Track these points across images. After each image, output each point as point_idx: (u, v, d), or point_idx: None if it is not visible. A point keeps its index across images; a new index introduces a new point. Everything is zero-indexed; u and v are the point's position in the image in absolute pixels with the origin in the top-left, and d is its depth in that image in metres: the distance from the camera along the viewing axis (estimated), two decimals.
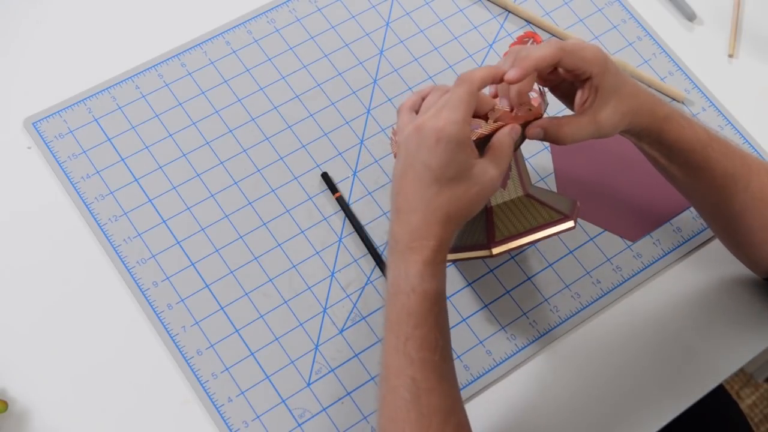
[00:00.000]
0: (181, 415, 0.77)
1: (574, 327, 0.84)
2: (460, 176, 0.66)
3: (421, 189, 0.67)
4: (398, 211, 0.68)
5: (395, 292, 0.67)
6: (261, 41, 0.95)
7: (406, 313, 0.66)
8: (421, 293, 0.66)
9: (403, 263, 0.67)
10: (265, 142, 0.90)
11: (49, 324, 0.80)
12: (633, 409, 0.81)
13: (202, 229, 0.85)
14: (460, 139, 0.66)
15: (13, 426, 0.76)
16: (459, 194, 0.67)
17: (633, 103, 0.72)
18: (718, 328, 0.85)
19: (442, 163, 0.66)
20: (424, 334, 0.66)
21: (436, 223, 0.66)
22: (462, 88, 0.67)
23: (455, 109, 0.66)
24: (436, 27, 0.98)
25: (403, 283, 0.66)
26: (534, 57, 0.68)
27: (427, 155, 0.66)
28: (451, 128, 0.65)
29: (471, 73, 0.68)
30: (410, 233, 0.67)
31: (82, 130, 0.88)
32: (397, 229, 0.68)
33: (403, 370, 0.66)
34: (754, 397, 1.67)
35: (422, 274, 0.66)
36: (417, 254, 0.66)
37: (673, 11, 1.03)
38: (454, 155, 0.66)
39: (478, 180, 0.67)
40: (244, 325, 0.81)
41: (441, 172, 0.66)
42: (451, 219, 0.67)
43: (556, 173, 0.91)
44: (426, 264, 0.66)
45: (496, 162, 0.68)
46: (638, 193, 0.91)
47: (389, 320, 0.68)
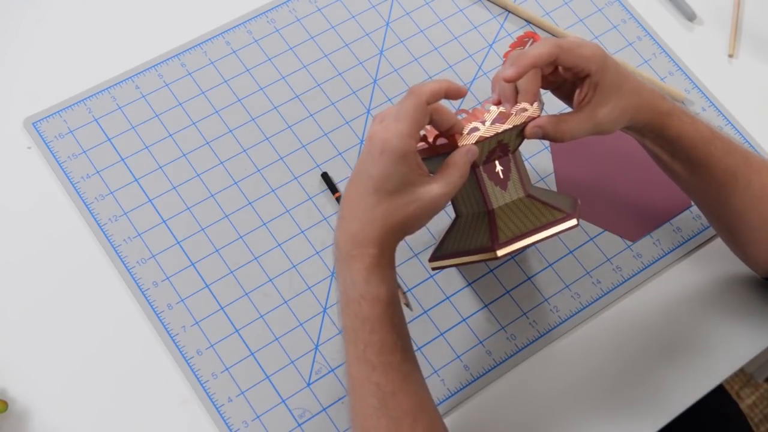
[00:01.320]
0: (181, 415, 0.77)
1: (574, 327, 0.84)
2: (400, 190, 0.66)
3: (362, 198, 0.67)
4: (341, 217, 0.68)
5: (346, 301, 0.67)
6: (261, 41, 0.95)
7: (360, 320, 0.66)
8: (371, 299, 0.66)
9: (348, 271, 0.67)
10: (265, 142, 0.90)
11: (49, 324, 0.80)
12: (633, 408, 0.81)
13: (202, 229, 0.85)
14: (403, 152, 0.65)
15: (13, 426, 0.76)
16: (397, 207, 0.66)
17: (634, 100, 0.72)
18: (718, 328, 0.85)
19: (383, 175, 0.65)
20: (381, 338, 0.66)
21: (373, 231, 0.66)
22: (409, 101, 0.66)
23: (401, 122, 0.65)
24: (436, 27, 0.98)
25: (351, 291, 0.66)
26: (531, 55, 0.68)
27: (371, 165, 0.66)
28: (395, 141, 0.65)
29: (421, 85, 0.67)
30: (350, 241, 0.67)
31: (82, 130, 0.88)
32: (339, 236, 0.68)
33: (367, 377, 0.66)
34: (754, 397, 1.67)
35: (367, 280, 0.66)
36: (358, 262, 0.66)
37: (673, 11, 1.03)
38: (394, 168, 0.65)
39: (419, 197, 0.66)
40: (244, 325, 0.81)
41: (381, 184, 0.66)
42: (388, 231, 0.66)
43: (555, 174, 0.91)
44: (369, 270, 0.66)
45: (444, 181, 0.67)
46: (638, 193, 0.91)
47: (345, 330, 0.68)
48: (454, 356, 0.82)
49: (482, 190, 0.74)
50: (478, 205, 0.75)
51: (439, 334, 0.82)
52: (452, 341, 0.82)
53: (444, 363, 0.81)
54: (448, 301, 0.84)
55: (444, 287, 0.84)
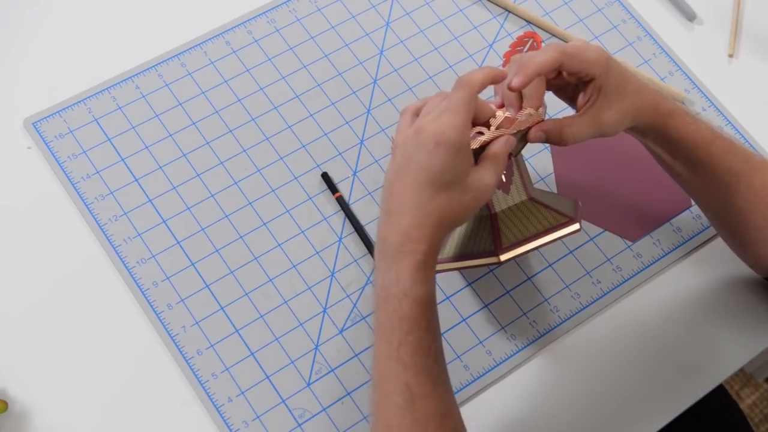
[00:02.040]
0: (181, 415, 0.77)
1: (574, 327, 0.84)
2: (456, 182, 0.66)
3: (415, 192, 0.66)
4: (389, 212, 0.67)
5: (386, 297, 0.66)
6: (261, 41, 0.95)
7: (398, 318, 0.65)
8: (414, 298, 0.65)
9: (394, 267, 0.66)
10: (265, 142, 0.90)
11: (49, 324, 0.80)
12: (633, 409, 0.81)
13: (202, 229, 0.85)
14: (460, 144, 0.65)
15: (13, 426, 0.76)
16: (453, 200, 0.66)
17: (636, 101, 0.73)
18: (719, 328, 0.85)
19: (440, 168, 0.65)
20: (417, 339, 0.65)
21: (428, 226, 0.66)
22: (462, 92, 0.66)
23: (456, 114, 0.65)
24: (436, 27, 0.98)
25: (395, 287, 0.66)
26: (536, 63, 0.68)
27: (425, 158, 0.65)
28: (451, 132, 0.65)
29: (470, 75, 0.67)
30: (401, 236, 0.66)
31: (82, 130, 0.88)
32: (387, 232, 0.67)
33: (396, 376, 0.65)
34: (754, 397, 1.67)
35: (414, 278, 0.65)
36: (408, 258, 0.65)
37: (673, 11, 1.03)
38: (452, 160, 0.65)
39: (473, 186, 0.66)
40: (244, 325, 0.81)
41: (437, 176, 0.65)
42: (442, 224, 0.66)
43: (556, 174, 0.91)
44: (418, 268, 0.65)
45: (492, 170, 0.68)
46: (638, 193, 0.91)
47: (380, 326, 0.67)
48: (454, 356, 0.82)
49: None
50: (481, 208, 0.74)
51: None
52: (452, 341, 0.82)
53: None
54: (448, 301, 0.84)
55: (444, 287, 0.84)
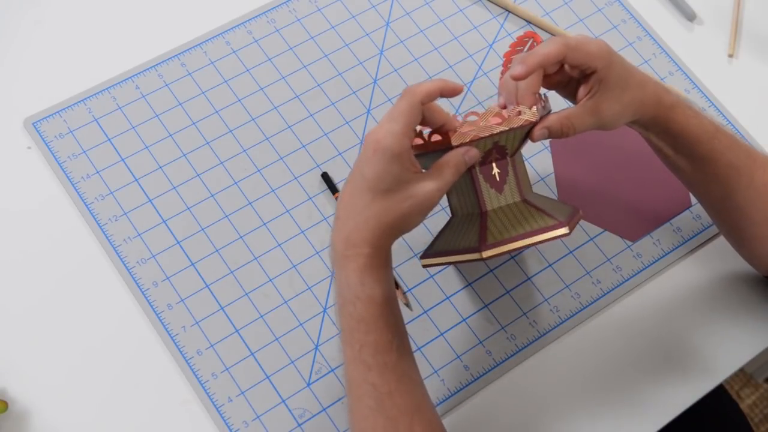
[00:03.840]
0: (181, 415, 0.77)
1: (574, 327, 0.84)
2: (394, 189, 0.66)
3: (356, 198, 0.67)
4: (337, 218, 0.68)
5: (342, 302, 0.67)
6: (261, 41, 0.95)
7: (355, 320, 0.66)
8: (366, 299, 0.66)
9: (343, 272, 0.67)
10: (265, 142, 0.90)
11: (49, 324, 0.80)
12: (633, 408, 0.81)
13: (202, 229, 0.85)
14: (396, 151, 0.65)
15: (13, 426, 0.76)
16: (391, 206, 0.66)
17: (639, 94, 0.73)
18: (718, 328, 0.85)
19: (376, 174, 0.65)
20: (376, 339, 0.66)
21: (367, 230, 0.66)
22: (404, 101, 0.66)
23: (394, 121, 0.65)
24: (436, 27, 0.98)
25: (347, 291, 0.67)
26: (540, 54, 0.69)
27: (365, 165, 0.66)
28: (388, 139, 0.65)
29: (416, 85, 0.67)
30: (344, 241, 0.67)
31: (82, 130, 0.88)
32: (334, 236, 0.68)
33: (363, 378, 0.66)
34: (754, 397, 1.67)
35: (362, 280, 0.66)
36: (353, 262, 0.66)
37: (673, 11, 1.03)
38: (388, 166, 0.65)
39: (412, 194, 0.66)
40: (244, 325, 0.81)
41: (374, 183, 0.66)
42: (382, 230, 0.66)
43: (556, 174, 0.91)
44: (363, 270, 0.66)
45: (435, 179, 0.67)
46: (638, 193, 0.91)
47: (342, 331, 0.68)
48: (454, 356, 0.82)
49: (477, 192, 0.74)
50: (473, 205, 0.75)
51: (439, 334, 0.82)
52: (452, 341, 0.82)
53: (444, 363, 0.81)
54: (448, 301, 0.84)
55: (444, 287, 0.84)
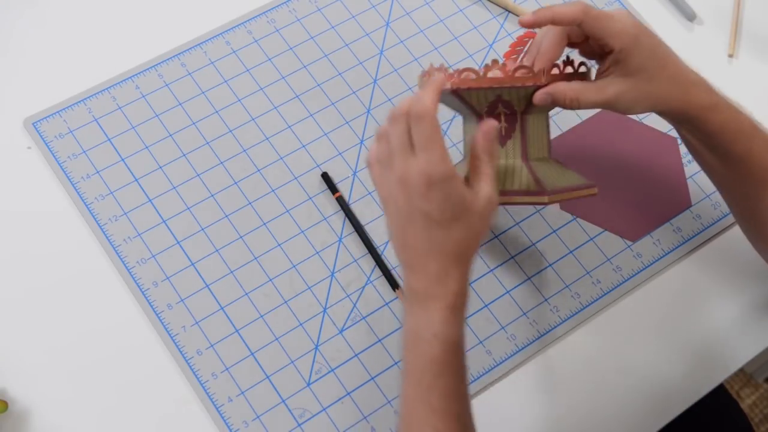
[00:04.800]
0: (181, 415, 0.77)
1: (574, 327, 0.84)
2: (461, 212, 0.65)
3: (427, 237, 0.65)
4: (410, 265, 0.66)
5: (414, 340, 0.66)
6: (261, 41, 0.95)
7: (428, 360, 0.65)
8: (444, 340, 0.65)
9: (425, 311, 0.65)
10: (265, 142, 0.90)
11: (49, 324, 0.80)
12: (633, 408, 0.81)
13: (202, 229, 0.85)
14: (449, 176, 0.64)
15: (13, 426, 0.76)
16: (466, 229, 0.65)
17: (665, 89, 0.70)
18: (718, 328, 0.85)
19: (440, 206, 0.64)
20: (446, 383, 0.65)
21: (452, 265, 0.65)
22: (424, 125, 0.64)
23: (430, 150, 0.63)
24: (436, 27, 0.98)
25: (425, 330, 0.65)
26: (554, 10, 0.68)
27: (423, 203, 0.64)
28: (437, 169, 0.63)
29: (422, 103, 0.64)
30: (429, 281, 0.65)
31: (82, 130, 0.88)
32: (414, 282, 0.66)
33: (425, 420, 0.65)
34: (754, 397, 1.67)
35: (446, 320, 0.65)
36: (439, 301, 0.65)
37: (673, 11, 1.03)
38: (448, 193, 0.64)
39: (477, 209, 0.66)
40: (244, 325, 0.81)
41: (442, 215, 0.64)
42: (465, 257, 0.66)
43: None
44: (449, 309, 0.65)
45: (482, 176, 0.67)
46: (638, 193, 0.91)
47: (409, 369, 0.67)
48: None
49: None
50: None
51: None
52: None
53: None
54: None
55: None
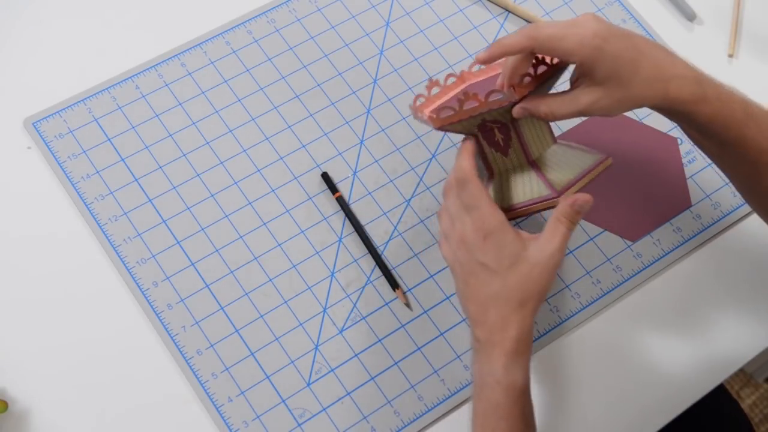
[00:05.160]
0: (181, 415, 0.77)
1: (573, 327, 0.84)
2: (517, 261, 0.69)
3: (487, 287, 0.69)
4: (475, 319, 0.70)
5: (480, 387, 0.69)
6: (261, 41, 0.95)
7: (492, 405, 0.68)
8: (507, 385, 0.68)
9: (487, 358, 0.69)
10: (265, 142, 0.90)
11: (49, 324, 0.80)
12: (633, 408, 0.81)
13: (202, 229, 0.85)
14: (500, 226, 0.69)
15: (13, 426, 0.76)
16: (524, 277, 0.69)
17: (639, 90, 0.69)
18: (718, 328, 0.85)
19: (497, 256, 0.69)
20: (510, 426, 0.68)
21: (512, 312, 0.68)
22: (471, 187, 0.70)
23: (480, 206, 0.69)
24: (436, 27, 0.98)
25: (488, 377, 0.68)
26: (503, 44, 0.69)
27: (481, 255, 0.69)
28: (488, 221, 0.69)
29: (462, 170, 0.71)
30: (490, 330, 0.69)
31: (82, 130, 0.88)
32: (479, 332, 0.70)
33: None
34: (754, 397, 1.67)
35: (506, 365, 0.68)
36: (499, 347, 0.68)
37: (673, 11, 1.03)
38: (502, 242, 0.69)
39: (539, 259, 0.69)
40: (244, 325, 0.81)
41: (499, 263, 0.68)
42: (525, 304, 0.69)
43: None
44: (509, 355, 0.68)
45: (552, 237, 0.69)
46: (638, 193, 0.91)
47: (476, 415, 0.70)
48: (454, 356, 0.82)
49: (483, 157, 0.77)
50: (481, 170, 0.77)
51: (439, 334, 0.82)
52: (452, 341, 0.82)
53: (444, 363, 0.81)
54: (448, 301, 0.84)
55: (444, 287, 0.84)
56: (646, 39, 0.71)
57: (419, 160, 0.90)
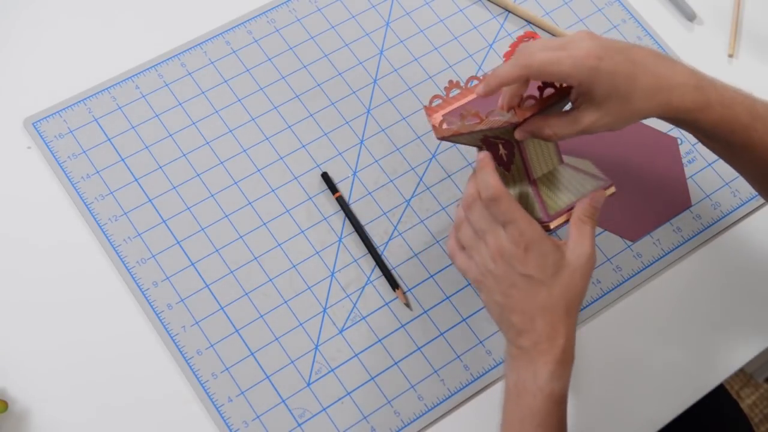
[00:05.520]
0: (181, 415, 0.77)
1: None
2: (558, 270, 0.69)
3: (532, 297, 0.68)
4: (518, 330, 0.69)
5: (519, 393, 0.68)
6: (261, 41, 0.95)
7: (530, 412, 0.67)
8: (549, 393, 0.67)
9: (531, 365, 0.68)
10: (265, 142, 0.90)
11: (49, 324, 0.80)
12: (633, 408, 0.81)
13: (202, 229, 0.85)
14: (541, 236, 0.68)
15: (13, 426, 0.76)
16: (567, 284, 0.69)
17: (640, 104, 0.69)
18: (719, 328, 0.85)
19: (539, 265, 0.68)
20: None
21: (559, 320, 0.68)
22: (504, 203, 0.69)
23: (517, 219, 0.68)
24: (436, 27, 0.98)
25: (531, 384, 0.68)
26: (498, 76, 0.69)
27: (523, 267, 0.68)
28: (528, 233, 0.68)
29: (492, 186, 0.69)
30: (538, 339, 0.68)
31: (82, 130, 0.88)
32: (524, 341, 0.69)
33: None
34: (754, 397, 1.67)
35: (552, 373, 0.67)
36: (547, 355, 0.68)
37: (673, 11, 1.03)
38: (544, 252, 0.68)
39: (577, 264, 0.69)
40: (244, 325, 0.81)
41: (542, 272, 0.68)
42: (570, 311, 0.69)
43: None
44: (557, 363, 0.68)
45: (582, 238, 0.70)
46: (638, 193, 0.91)
47: (509, 421, 0.69)
48: (454, 356, 0.82)
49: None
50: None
51: (439, 334, 0.82)
52: (452, 341, 0.82)
53: (444, 363, 0.81)
54: (448, 301, 0.84)
55: (444, 287, 0.84)
56: (643, 49, 0.70)
57: (419, 160, 0.90)
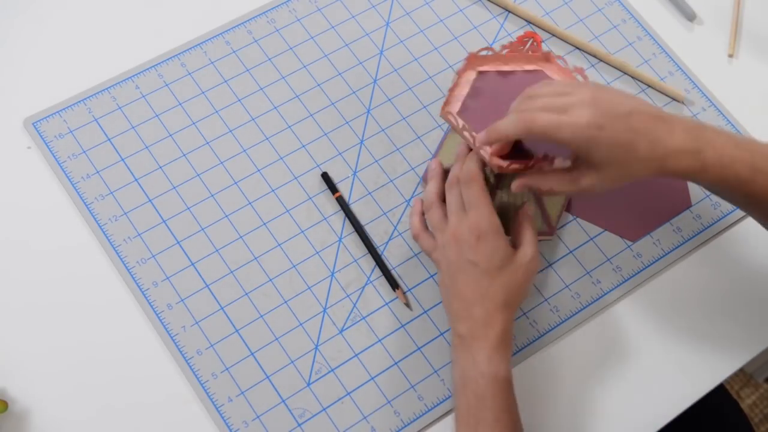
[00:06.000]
0: (181, 415, 0.77)
1: (574, 327, 0.84)
2: (506, 263, 0.72)
3: (475, 285, 0.72)
4: (458, 315, 0.72)
5: (464, 384, 0.71)
6: (261, 41, 0.95)
7: (475, 397, 0.69)
8: (490, 376, 0.69)
9: (470, 353, 0.71)
10: (265, 142, 0.90)
11: (49, 324, 0.80)
12: (633, 408, 0.81)
13: (202, 229, 0.85)
14: (495, 230, 0.72)
15: (13, 426, 0.76)
16: (509, 280, 0.72)
17: (637, 169, 0.69)
18: (718, 328, 0.85)
19: (488, 256, 0.71)
20: (495, 416, 0.69)
21: (495, 311, 0.71)
22: (474, 187, 0.73)
23: (479, 207, 0.72)
24: (436, 27, 0.98)
25: (472, 371, 0.70)
26: (500, 131, 0.71)
27: (472, 254, 0.72)
28: (485, 222, 0.72)
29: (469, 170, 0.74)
30: (474, 326, 0.71)
31: (82, 130, 0.88)
32: (461, 328, 0.72)
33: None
34: (754, 397, 1.67)
35: (490, 357, 0.70)
36: (483, 341, 0.70)
37: (673, 11, 1.03)
38: (496, 245, 0.72)
39: (521, 262, 0.73)
40: (244, 325, 0.81)
41: (489, 263, 0.71)
42: (508, 304, 0.72)
43: None
44: (493, 348, 0.70)
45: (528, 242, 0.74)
46: (638, 193, 0.91)
47: (459, 411, 0.71)
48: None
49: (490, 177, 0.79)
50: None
51: (439, 333, 0.82)
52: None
53: (444, 363, 0.81)
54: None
55: None
56: (643, 112, 0.69)
57: (419, 160, 0.90)
